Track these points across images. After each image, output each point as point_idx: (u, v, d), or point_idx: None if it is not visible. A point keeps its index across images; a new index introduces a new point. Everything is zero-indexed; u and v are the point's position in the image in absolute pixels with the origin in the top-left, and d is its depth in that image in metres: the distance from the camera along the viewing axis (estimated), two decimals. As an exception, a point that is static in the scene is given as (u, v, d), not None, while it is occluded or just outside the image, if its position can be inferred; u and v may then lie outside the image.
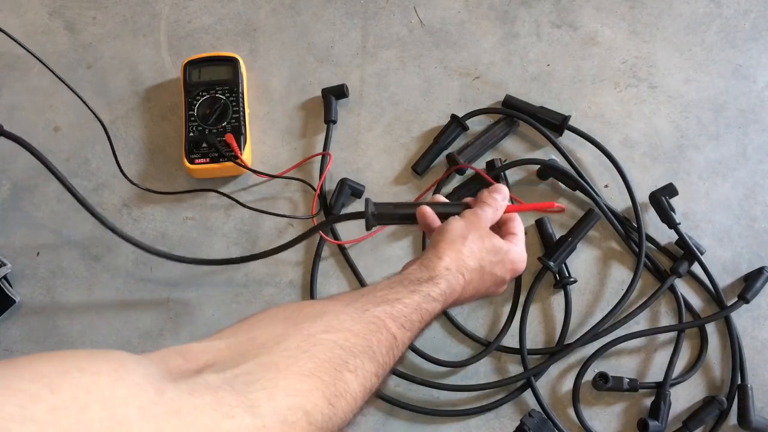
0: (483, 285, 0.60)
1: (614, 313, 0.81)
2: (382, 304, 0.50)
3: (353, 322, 0.47)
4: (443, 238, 0.58)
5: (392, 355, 0.49)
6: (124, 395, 0.32)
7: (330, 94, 0.89)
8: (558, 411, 0.81)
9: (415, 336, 0.53)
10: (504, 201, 0.63)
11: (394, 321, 0.49)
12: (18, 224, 0.87)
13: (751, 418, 0.78)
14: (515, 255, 0.61)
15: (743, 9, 0.94)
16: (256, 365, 0.40)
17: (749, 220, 0.87)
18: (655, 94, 0.91)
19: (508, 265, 0.61)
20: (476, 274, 0.58)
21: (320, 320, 0.46)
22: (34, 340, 0.83)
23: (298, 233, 0.86)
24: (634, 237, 0.84)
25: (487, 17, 0.95)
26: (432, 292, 0.54)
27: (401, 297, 0.52)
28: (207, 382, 0.37)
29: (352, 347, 0.45)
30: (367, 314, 0.48)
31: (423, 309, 0.53)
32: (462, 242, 0.58)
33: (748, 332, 0.83)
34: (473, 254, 0.58)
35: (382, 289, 0.52)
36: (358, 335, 0.46)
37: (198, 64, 0.88)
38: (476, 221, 0.60)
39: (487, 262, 0.59)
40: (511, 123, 0.89)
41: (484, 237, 0.59)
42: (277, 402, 0.38)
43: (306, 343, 0.43)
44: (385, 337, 0.48)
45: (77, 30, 0.95)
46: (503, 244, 0.60)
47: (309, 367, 0.41)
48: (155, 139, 0.90)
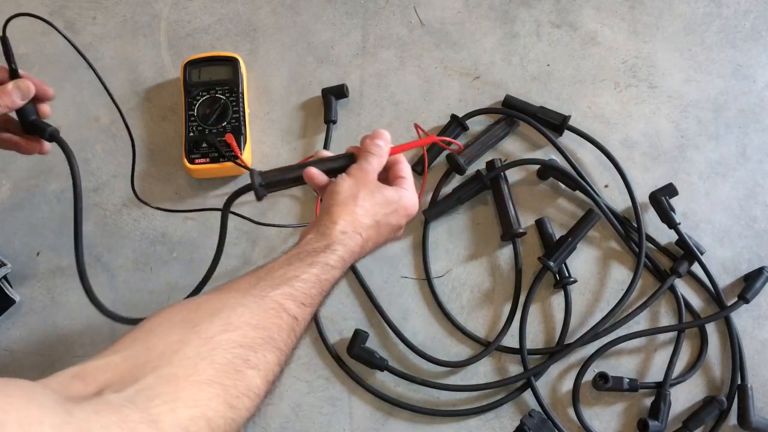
0: (381, 237, 0.61)
1: (614, 313, 0.81)
2: (281, 285, 0.50)
3: (252, 314, 0.47)
4: (335, 201, 0.59)
5: (294, 336, 0.50)
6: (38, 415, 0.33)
7: (330, 94, 0.89)
8: (558, 411, 0.81)
9: (316, 309, 0.54)
10: (387, 146, 0.63)
11: (293, 301, 0.50)
12: (18, 224, 0.87)
13: (751, 418, 0.78)
14: (407, 200, 0.62)
15: (743, 9, 0.94)
16: (156, 379, 0.40)
17: (749, 220, 0.87)
18: (655, 94, 0.91)
19: (402, 212, 0.62)
20: (373, 230, 0.59)
21: (217, 318, 0.46)
22: (34, 340, 0.83)
23: (297, 233, 0.86)
24: (634, 237, 0.84)
25: (487, 17, 0.95)
26: (330, 260, 0.55)
27: (299, 273, 0.52)
28: (110, 402, 0.38)
29: (251, 343, 0.45)
30: (266, 300, 0.49)
31: (323, 280, 0.53)
32: (354, 202, 0.58)
33: (748, 332, 0.83)
34: (367, 212, 0.59)
35: (281, 267, 0.53)
36: (257, 327, 0.47)
37: (198, 64, 0.88)
38: (364, 177, 0.60)
39: (381, 215, 0.60)
40: (511, 123, 0.89)
41: (374, 191, 0.60)
42: (178, 414, 0.39)
43: (204, 348, 0.43)
44: (285, 321, 0.49)
45: (77, 30, 0.95)
46: (394, 193, 0.61)
47: (209, 374, 0.42)
48: (155, 139, 0.90)
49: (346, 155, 0.64)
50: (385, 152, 0.63)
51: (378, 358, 0.80)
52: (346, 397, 0.82)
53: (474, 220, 0.87)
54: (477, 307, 0.84)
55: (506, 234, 0.84)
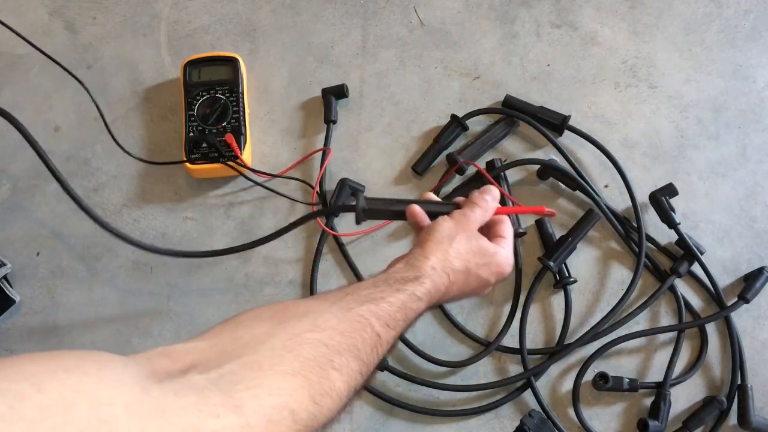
0: (468, 286, 0.60)
1: (614, 313, 0.81)
2: (367, 302, 0.50)
3: (338, 321, 0.47)
4: (431, 237, 0.59)
5: (376, 353, 0.49)
6: (111, 394, 0.33)
7: (330, 94, 0.89)
8: (558, 411, 0.81)
9: (399, 334, 0.53)
10: (494, 203, 0.63)
11: (378, 319, 0.50)
12: (18, 224, 0.87)
13: (751, 418, 0.78)
14: (502, 258, 0.61)
15: (743, 9, 0.94)
16: (241, 365, 0.40)
17: (749, 220, 0.87)
18: (655, 94, 0.91)
19: (494, 268, 0.61)
20: (461, 275, 0.58)
21: (305, 319, 0.46)
22: (34, 340, 0.83)
23: (297, 233, 0.86)
24: (634, 237, 0.84)
25: (487, 17, 0.95)
26: (417, 291, 0.54)
27: (386, 296, 0.52)
28: (192, 383, 0.38)
29: (337, 346, 0.45)
30: (352, 313, 0.49)
31: (408, 308, 0.53)
32: (449, 243, 0.58)
33: (748, 332, 0.83)
34: (459, 255, 0.58)
35: (367, 288, 0.53)
36: (343, 334, 0.46)
37: (198, 64, 0.88)
38: (464, 222, 0.60)
39: (473, 264, 0.59)
40: (511, 123, 0.88)
41: (471, 238, 0.59)
42: (262, 401, 0.38)
43: (291, 342, 0.43)
44: (370, 336, 0.49)
45: (77, 30, 0.95)
46: (490, 247, 0.60)
47: (294, 366, 0.42)
48: (155, 139, 0.90)
49: (453, 203, 0.64)
50: (491, 208, 0.63)
51: (378, 358, 0.80)
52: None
53: (474, 220, 0.87)
54: (477, 307, 0.84)
55: (506, 234, 0.84)
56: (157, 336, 0.83)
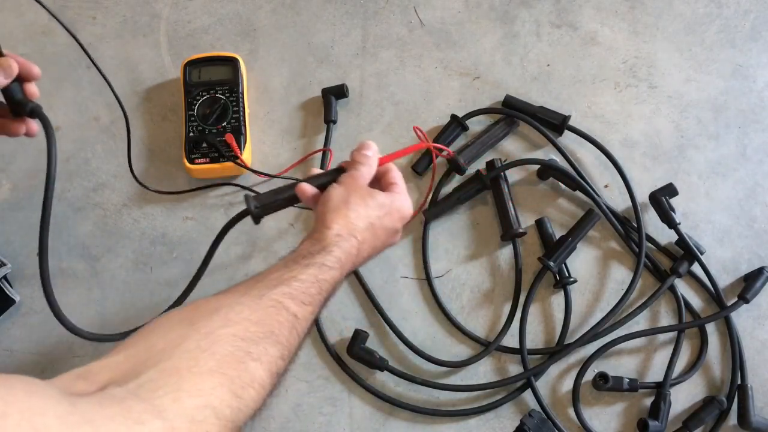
0: (377, 240, 0.61)
1: (614, 313, 0.81)
2: (278, 285, 0.51)
3: (251, 311, 0.48)
4: (327, 208, 0.59)
5: (296, 333, 0.50)
6: (41, 405, 0.33)
7: (330, 94, 0.89)
8: (558, 411, 0.81)
9: (319, 308, 0.54)
10: (374, 155, 0.64)
11: (292, 300, 0.50)
12: (18, 224, 0.87)
13: (751, 418, 0.78)
14: (400, 203, 0.63)
15: (743, 9, 0.94)
16: (158, 372, 0.41)
17: (749, 220, 0.87)
18: (655, 94, 0.91)
19: (396, 215, 0.62)
20: (368, 233, 0.60)
21: (216, 316, 0.46)
22: (34, 340, 0.83)
23: (298, 233, 0.86)
24: (634, 237, 0.84)
25: (487, 17, 0.95)
26: (326, 261, 0.55)
27: (296, 274, 0.52)
28: (113, 395, 0.38)
29: (252, 336, 0.46)
30: (264, 299, 0.49)
31: (320, 280, 0.53)
32: (346, 207, 0.59)
33: (748, 332, 0.83)
34: (360, 215, 0.59)
35: (277, 270, 0.53)
36: (257, 323, 0.47)
37: (198, 64, 0.88)
38: (353, 183, 0.61)
39: (375, 218, 0.60)
40: (511, 123, 0.89)
41: (365, 196, 0.61)
42: (183, 403, 0.39)
43: (205, 341, 0.44)
44: (285, 318, 0.49)
45: (77, 30, 0.94)
46: (386, 197, 0.62)
47: (210, 365, 0.42)
48: (155, 139, 0.90)
49: (336, 169, 0.65)
50: (374, 161, 0.64)
51: (378, 358, 0.80)
52: (346, 397, 0.82)
53: (474, 220, 0.87)
54: (477, 307, 0.84)
55: (506, 234, 0.84)
56: (157, 336, 0.83)
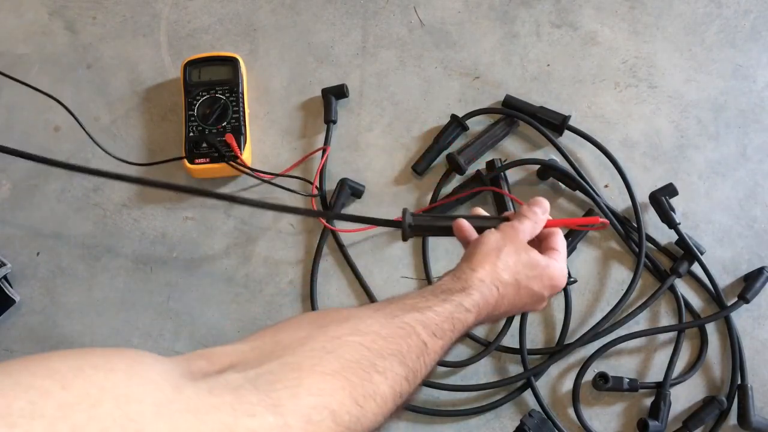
0: (519, 299, 0.58)
1: (614, 313, 0.81)
2: (411, 311, 0.49)
3: (381, 327, 0.46)
4: (478, 250, 0.57)
5: (422, 361, 0.47)
6: (139, 392, 0.32)
7: (330, 94, 0.89)
8: (558, 411, 0.81)
9: (448, 346, 0.51)
10: (544, 215, 0.61)
11: (424, 328, 0.48)
12: (18, 224, 0.87)
13: (751, 418, 0.78)
14: (554, 271, 0.59)
15: (743, 9, 0.94)
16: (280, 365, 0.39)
17: (749, 220, 0.87)
18: (655, 94, 0.91)
19: (546, 281, 0.58)
20: (511, 288, 0.56)
21: (346, 323, 0.45)
22: (34, 340, 0.83)
23: (297, 233, 0.86)
24: (634, 237, 0.84)
25: (487, 17, 0.94)
26: (465, 302, 0.52)
27: (432, 305, 0.50)
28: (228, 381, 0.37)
29: (380, 350, 0.44)
30: (396, 320, 0.47)
31: (455, 318, 0.51)
32: (497, 255, 0.56)
33: (748, 332, 0.83)
34: (508, 267, 0.56)
35: (412, 297, 0.51)
36: (386, 339, 0.45)
37: (198, 64, 0.88)
38: (513, 234, 0.58)
39: (523, 276, 0.57)
40: (511, 123, 0.88)
41: (520, 251, 0.57)
42: (301, 401, 0.37)
43: (331, 344, 0.42)
44: (415, 343, 0.47)
45: (77, 30, 0.95)
46: (541, 259, 0.58)
47: (334, 366, 0.40)
48: (155, 139, 0.90)
49: (501, 217, 0.63)
50: (541, 221, 0.61)
51: (378, 358, 0.80)
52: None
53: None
54: (477, 307, 0.84)
55: (506, 234, 0.84)
56: (157, 336, 0.83)
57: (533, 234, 0.61)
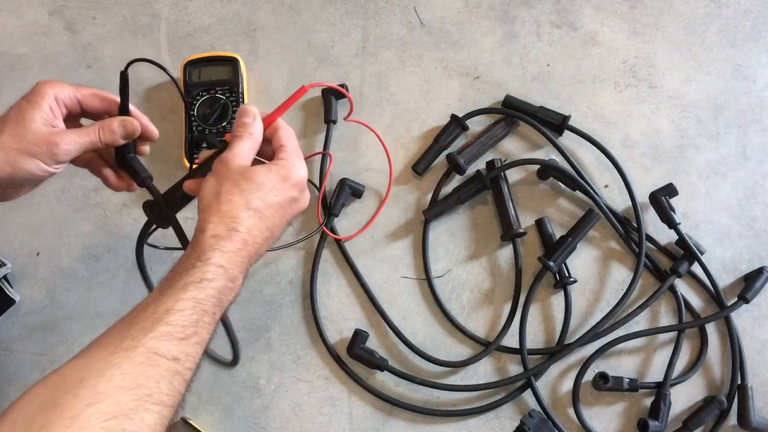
0: (271, 220, 0.56)
1: (614, 313, 0.81)
2: (154, 325, 0.47)
3: (122, 375, 0.43)
4: (200, 206, 0.55)
5: (179, 378, 0.47)
6: None
7: (330, 94, 0.89)
8: (558, 411, 0.81)
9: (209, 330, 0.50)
10: (254, 120, 0.58)
11: (170, 340, 0.47)
12: (18, 224, 0.87)
13: (751, 418, 0.78)
14: (285, 171, 0.56)
15: (743, 9, 0.94)
16: None
17: (749, 220, 0.87)
18: (655, 94, 0.91)
19: (283, 186, 0.56)
20: (253, 219, 0.54)
21: (82, 390, 0.42)
22: (34, 340, 0.83)
23: (298, 233, 0.86)
24: (634, 237, 0.84)
25: (487, 17, 0.95)
26: (206, 274, 0.51)
27: (172, 304, 0.48)
28: None
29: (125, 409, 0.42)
30: (137, 352, 0.45)
31: (201, 300, 0.50)
32: (217, 199, 0.54)
33: (748, 332, 0.83)
34: (235, 205, 0.54)
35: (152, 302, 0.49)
36: (131, 389, 0.43)
37: (198, 64, 0.88)
38: (224, 169, 0.56)
39: (257, 199, 0.55)
40: (511, 123, 0.89)
41: (238, 180, 0.55)
42: None
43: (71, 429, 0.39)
44: (165, 369, 0.46)
45: (77, 30, 0.95)
46: (264, 173, 0.56)
47: None
48: (155, 139, 0.90)
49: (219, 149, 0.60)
50: (255, 129, 0.58)
51: (378, 358, 0.80)
52: (346, 397, 0.82)
53: (474, 220, 0.87)
54: (477, 307, 0.84)
55: (506, 234, 0.84)
56: (157, 336, 0.83)
57: (255, 147, 0.58)
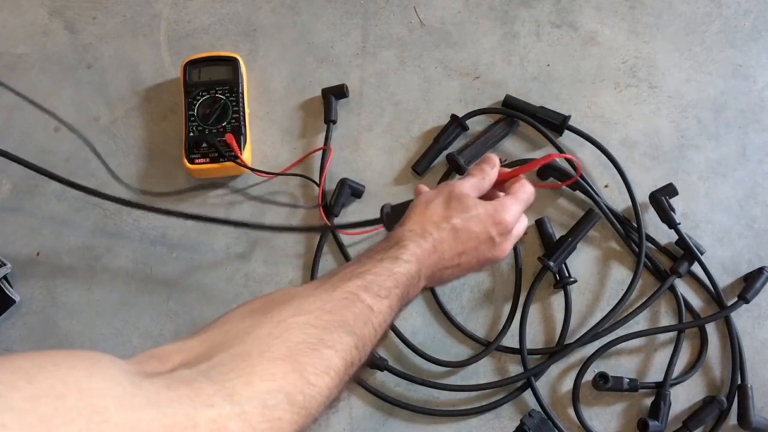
0: (462, 244, 0.57)
1: (614, 313, 0.81)
2: (351, 278, 0.50)
3: (323, 302, 0.48)
4: (410, 209, 0.59)
5: (371, 325, 0.49)
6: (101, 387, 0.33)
7: (330, 94, 0.89)
8: (558, 411, 0.81)
9: (398, 304, 0.52)
10: (493, 169, 0.62)
11: (366, 291, 0.50)
12: (18, 224, 0.87)
13: (751, 418, 0.78)
14: (494, 209, 0.58)
15: (743, 9, 0.94)
16: (230, 356, 0.40)
17: (749, 220, 0.87)
18: (655, 94, 0.91)
19: (487, 219, 0.57)
20: (447, 233, 0.57)
21: (289, 306, 0.46)
22: (34, 340, 0.83)
23: (297, 233, 0.86)
24: (634, 237, 0.84)
25: (487, 17, 0.95)
26: (402, 255, 0.53)
27: (369, 267, 0.52)
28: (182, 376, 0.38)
29: (325, 324, 0.46)
30: (338, 291, 0.49)
31: (396, 273, 0.52)
32: (425, 206, 0.58)
33: (748, 332, 0.83)
34: (437, 214, 0.57)
35: (350, 266, 0.53)
36: (330, 312, 0.47)
37: (198, 64, 0.88)
38: (446, 187, 0.60)
39: (457, 219, 0.57)
40: (511, 123, 0.89)
41: (450, 199, 0.58)
42: (255, 387, 0.39)
43: (277, 329, 0.44)
44: (360, 310, 0.49)
45: (77, 30, 0.95)
46: (476, 202, 0.58)
47: (282, 351, 0.42)
48: (155, 139, 0.90)
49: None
50: (490, 174, 0.62)
51: (378, 358, 0.80)
52: (346, 397, 0.82)
53: (474, 220, 0.87)
54: (477, 307, 0.84)
55: (506, 234, 0.84)
56: (157, 336, 0.83)
57: (481, 189, 0.62)
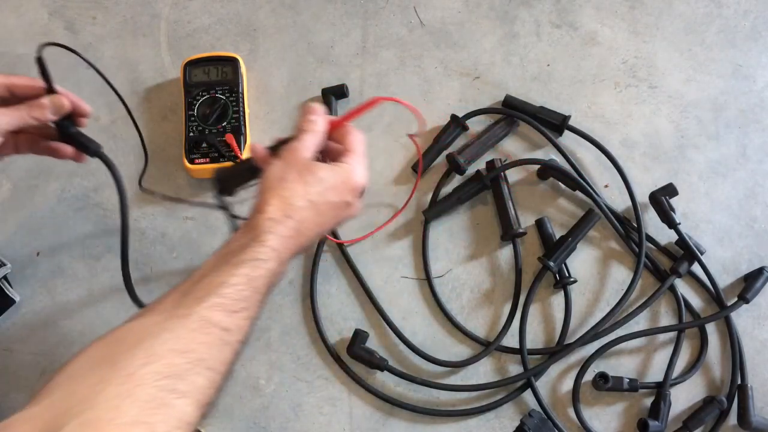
0: (323, 217, 0.58)
1: (614, 313, 0.81)
2: (207, 296, 0.49)
3: (176, 338, 0.46)
4: (263, 187, 0.57)
5: (228, 348, 0.48)
6: None
7: (330, 94, 0.89)
8: (558, 411, 0.81)
9: (257, 306, 0.52)
10: (320, 118, 0.60)
11: (222, 311, 0.49)
12: (18, 224, 0.87)
13: (751, 418, 0.78)
14: (347, 174, 0.58)
15: (743, 9, 0.94)
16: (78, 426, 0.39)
17: (749, 220, 0.87)
18: (655, 94, 0.91)
19: (342, 188, 0.58)
20: (308, 212, 0.56)
21: (139, 351, 0.44)
22: (34, 340, 0.83)
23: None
24: (634, 237, 0.84)
25: (487, 17, 0.95)
26: (260, 254, 0.52)
27: (225, 278, 0.50)
28: None
29: (178, 370, 0.44)
30: (190, 319, 0.47)
31: (254, 278, 0.51)
32: (281, 185, 0.56)
33: (748, 332, 0.83)
34: (296, 193, 0.56)
35: (206, 274, 0.51)
36: (183, 352, 0.45)
37: (198, 64, 0.88)
38: (292, 156, 0.58)
39: (315, 194, 0.56)
40: (511, 123, 0.89)
41: (303, 171, 0.57)
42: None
43: (126, 386, 0.42)
44: (216, 336, 0.48)
45: (77, 30, 0.95)
46: (328, 171, 0.58)
47: (132, 414, 0.40)
48: (155, 139, 0.90)
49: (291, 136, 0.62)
50: (319, 126, 0.60)
51: (378, 358, 0.80)
52: (346, 397, 0.82)
53: (474, 220, 0.87)
54: (477, 307, 0.84)
55: (506, 234, 0.84)
56: (157, 336, 0.83)
57: (316, 144, 0.60)
